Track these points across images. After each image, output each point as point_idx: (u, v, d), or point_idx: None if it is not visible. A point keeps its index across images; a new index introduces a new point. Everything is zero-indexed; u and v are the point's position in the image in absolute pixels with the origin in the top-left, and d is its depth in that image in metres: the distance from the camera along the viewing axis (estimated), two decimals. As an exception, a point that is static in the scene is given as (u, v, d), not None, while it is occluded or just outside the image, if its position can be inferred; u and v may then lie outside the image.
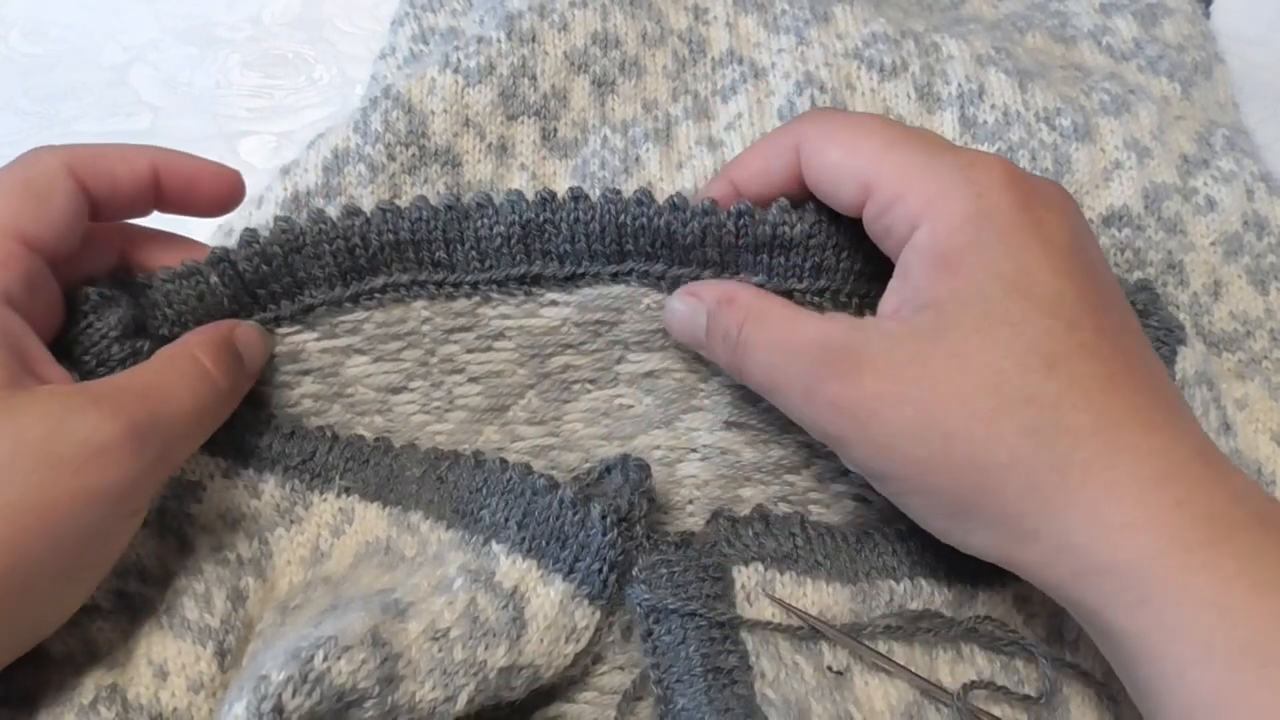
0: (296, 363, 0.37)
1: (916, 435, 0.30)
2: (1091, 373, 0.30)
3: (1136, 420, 0.29)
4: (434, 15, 0.54)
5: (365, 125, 0.43)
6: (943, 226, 0.30)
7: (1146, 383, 0.30)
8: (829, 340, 0.32)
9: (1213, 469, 0.29)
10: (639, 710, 0.33)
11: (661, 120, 0.48)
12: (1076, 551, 0.29)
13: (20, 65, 0.59)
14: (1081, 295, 0.30)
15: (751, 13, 0.50)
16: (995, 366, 0.29)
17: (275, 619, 0.33)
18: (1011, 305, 0.30)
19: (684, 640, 0.32)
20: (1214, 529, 0.28)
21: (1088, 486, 0.29)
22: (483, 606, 0.31)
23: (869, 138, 0.32)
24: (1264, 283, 0.45)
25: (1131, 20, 0.53)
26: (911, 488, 0.31)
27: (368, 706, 0.29)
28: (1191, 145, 0.47)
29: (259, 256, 0.35)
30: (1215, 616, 0.27)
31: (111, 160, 0.33)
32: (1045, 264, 0.30)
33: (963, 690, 0.32)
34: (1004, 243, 0.30)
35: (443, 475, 0.35)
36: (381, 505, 0.36)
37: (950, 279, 0.30)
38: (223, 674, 0.32)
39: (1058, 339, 0.30)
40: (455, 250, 0.36)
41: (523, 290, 0.37)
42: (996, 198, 0.31)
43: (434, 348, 0.38)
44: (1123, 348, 0.30)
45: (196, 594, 0.32)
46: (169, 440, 0.30)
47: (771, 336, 0.33)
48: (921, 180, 0.31)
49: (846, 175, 0.32)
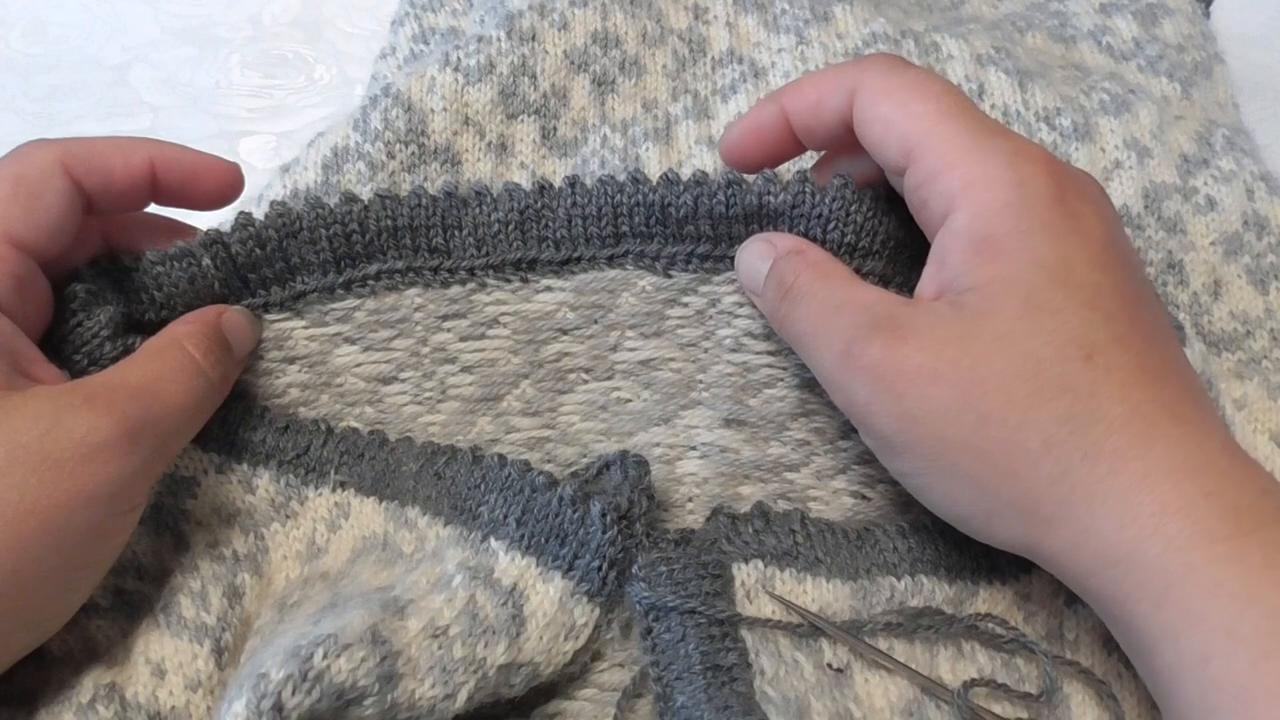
0: (282, 350, 0.37)
1: (952, 414, 0.30)
2: (1126, 365, 0.30)
3: (1168, 413, 0.30)
4: (434, 15, 0.54)
5: (365, 123, 0.43)
6: (983, 212, 0.31)
7: (1177, 377, 0.31)
8: (880, 306, 0.32)
9: (1239, 463, 0.30)
10: (639, 707, 0.33)
11: (661, 119, 0.48)
12: (1104, 539, 0.29)
13: (20, 65, 0.59)
14: (1117, 289, 0.31)
15: (751, 12, 0.50)
16: (1036, 354, 0.30)
17: (273, 616, 0.33)
18: (1054, 293, 0.30)
19: (683, 638, 0.32)
20: (1241, 521, 0.28)
21: (1119, 475, 0.29)
22: (482, 604, 0.31)
23: (924, 101, 0.32)
24: (1264, 282, 0.45)
25: (1131, 20, 0.53)
26: (936, 467, 0.31)
27: (367, 704, 0.29)
28: (1191, 145, 0.47)
29: (253, 240, 0.35)
30: (1241, 607, 0.27)
31: (107, 154, 0.33)
32: (1083, 256, 0.31)
33: (963, 688, 0.32)
34: (1045, 232, 0.30)
35: (440, 471, 0.35)
36: (378, 500, 0.35)
37: (991, 264, 0.31)
38: (220, 672, 0.31)
39: (1096, 330, 0.30)
40: (453, 236, 0.36)
41: (518, 276, 0.37)
42: (1037, 188, 0.31)
43: (426, 336, 0.37)
44: (1155, 342, 0.31)
45: (193, 591, 0.32)
46: (163, 435, 0.30)
47: (828, 290, 0.33)
48: (966, 160, 0.31)
49: (893, 134, 0.32)
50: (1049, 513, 0.30)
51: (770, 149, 0.36)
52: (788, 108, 0.35)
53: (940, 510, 0.32)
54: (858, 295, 0.32)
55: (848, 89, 0.33)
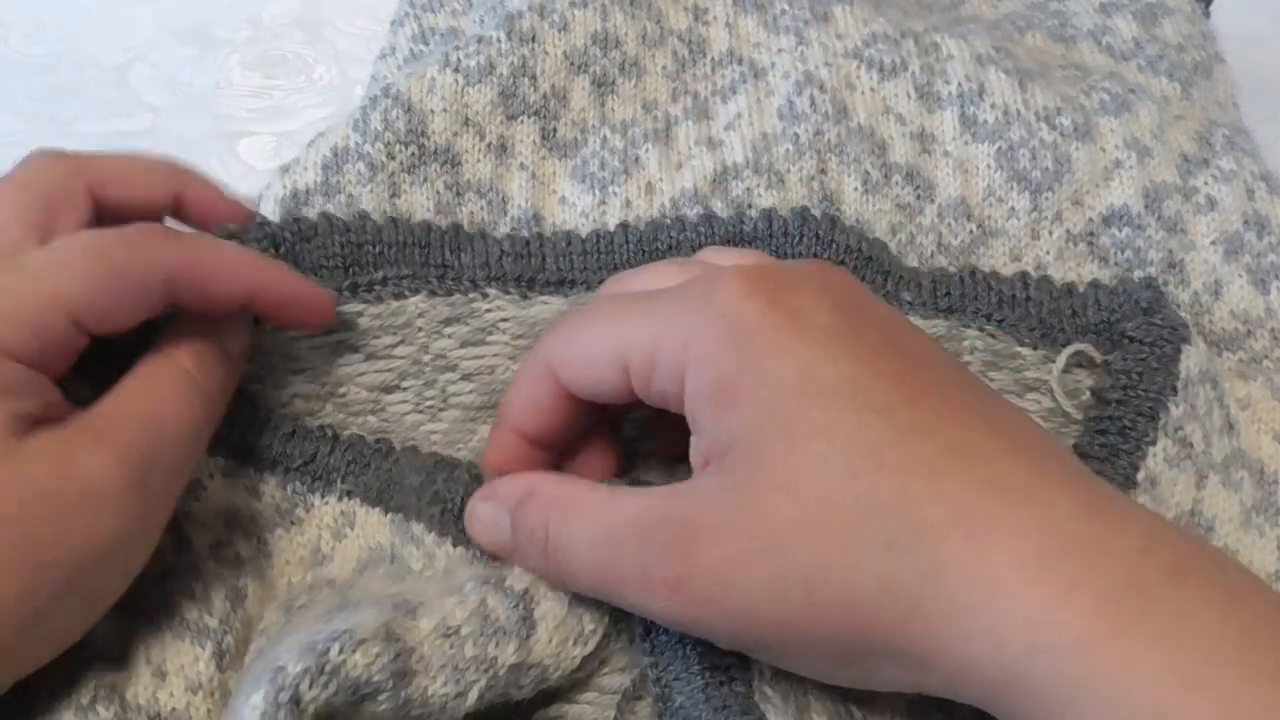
0: (286, 359, 0.37)
1: (775, 592, 0.26)
2: (924, 454, 0.26)
3: (994, 493, 0.26)
4: (434, 15, 0.54)
5: (365, 124, 0.43)
6: (706, 362, 0.28)
7: (991, 440, 0.27)
8: (650, 515, 0.28)
9: (1100, 522, 0.26)
10: (639, 709, 0.33)
11: (661, 120, 0.48)
12: (984, 666, 0.25)
13: (20, 65, 0.59)
14: (875, 372, 0.27)
15: (751, 13, 0.50)
16: (824, 487, 0.26)
17: (279, 618, 0.33)
18: (808, 412, 0.26)
19: (681, 638, 0.32)
20: (1123, 608, 0.24)
21: (969, 588, 0.25)
22: (493, 606, 0.31)
23: (604, 319, 0.30)
24: (1265, 282, 0.45)
25: (1131, 20, 0.53)
26: (791, 649, 0.28)
27: (381, 699, 0.29)
28: (1192, 145, 0.47)
29: (269, 239, 0.36)
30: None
31: (211, 266, 0.32)
32: (822, 355, 0.27)
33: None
34: (769, 351, 0.27)
35: (439, 492, 0.35)
36: (383, 511, 0.35)
37: (734, 411, 0.27)
38: (220, 674, 0.32)
39: (873, 430, 0.26)
40: (461, 255, 0.38)
41: (519, 291, 0.38)
42: (741, 309, 0.28)
43: (427, 343, 0.38)
44: (947, 410, 0.27)
45: (195, 594, 0.32)
46: (171, 466, 0.30)
47: (586, 527, 0.29)
48: (666, 330, 0.28)
49: (599, 364, 0.30)
50: (919, 653, 0.26)
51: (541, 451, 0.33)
52: (516, 428, 0.33)
53: (820, 679, 0.29)
54: (619, 514, 0.28)
55: (543, 369, 0.32)
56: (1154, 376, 0.35)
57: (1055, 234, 0.45)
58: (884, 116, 0.47)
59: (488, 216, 0.44)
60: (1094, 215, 0.45)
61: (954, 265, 0.44)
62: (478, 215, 0.44)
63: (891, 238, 0.44)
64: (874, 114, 0.46)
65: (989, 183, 0.46)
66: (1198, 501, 0.35)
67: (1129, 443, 0.35)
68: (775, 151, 0.45)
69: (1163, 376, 0.35)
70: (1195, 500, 0.35)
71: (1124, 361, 0.36)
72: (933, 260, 0.44)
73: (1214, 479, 0.35)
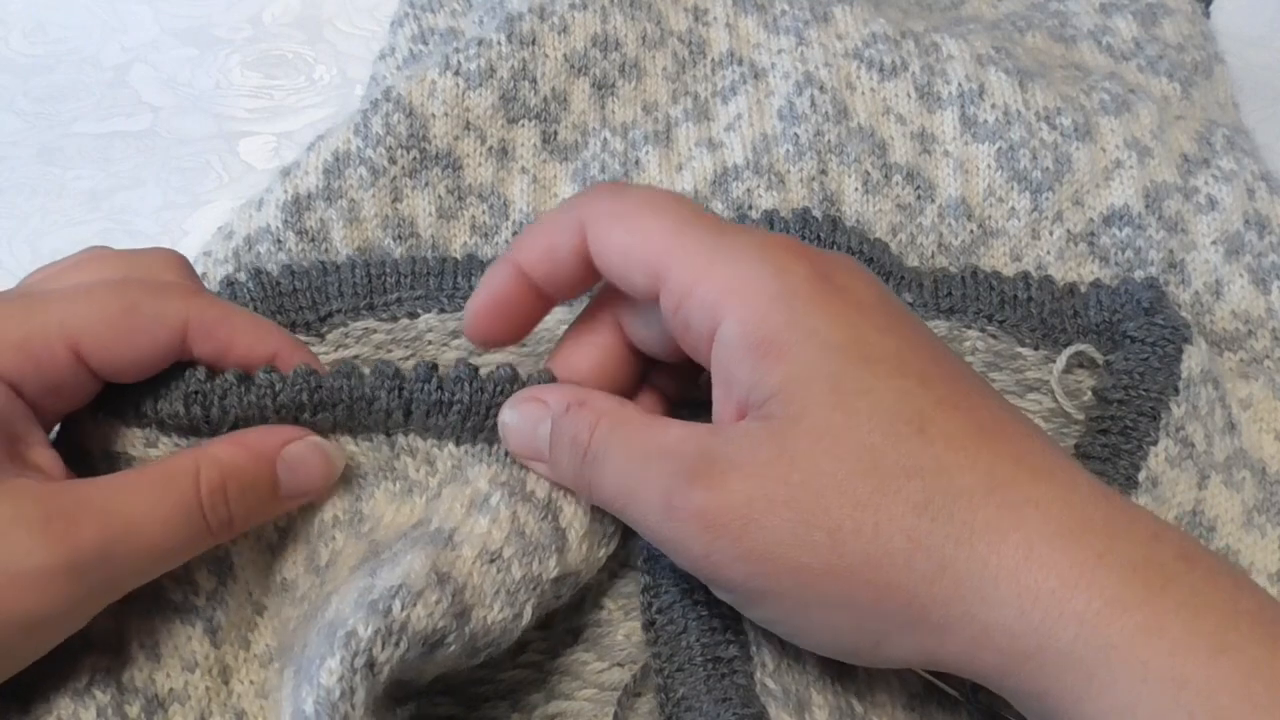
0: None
1: (799, 539, 0.26)
2: (963, 428, 0.27)
3: (1025, 470, 0.27)
4: (434, 16, 0.54)
5: (366, 128, 0.43)
6: (751, 313, 0.28)
7: (1015, 427, 0.28)
8: (689, 445, 0.28)
9: (1116, 508, 0.27)
10: (639, 706, 0.33)
11: (661, 122, 0.48)
12: (1007, 633, 0.26)
13: (20, 65, 0.59)
14: (917, 352, 0.28)
15: (751, 13, 0.50)
16: (865, 444, 0.26)
17: (312, 580, 0.32)
18: (858, 372, 0.27)
19: (685, 630, 0.32)
20: (1145, 580, 0.25)
21: (1000, 553, 0.26)
22: (525, 520, 0.31)
23: (656, 216, 0.29)
24: (1265, 282, 0.45)
25: (1131, 20, 0.53)
26: (802, 604, 0.27)
27: (450, 641, 0.29)
28: (1192, 145, 0.47)
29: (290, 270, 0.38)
30: (1173, 692, 0.24)
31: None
32: (871, 325, 0.28)
33: (972, 688, 0.32)
34: (822, 313, 0.28)
35: (435, 396, 0.33)
36: (352, 437, 0.33)
37: (780, 364, 0.27)
38: (216, 650, 0.31)
39: (917, 398, 0.27)
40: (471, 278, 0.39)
41: None
42: (797, 272, 0.28)
43: (437, 355, 0.38)
44: (977, 398, 0.28)
45: (176, 575, 0.32)
46: (115, 574, 0.28)
47: (630, 442, 0.29)
48: (716, 265, 0.28)
49: (634, 259, 0.29)
50: (938, 618, 0.26)
51: (516, 317, 0.32)
52: (522, 264, 0.31)
53: (823, 649, 0.29)
54: (663, 439, 0.29)
55: (576, 226, 0.30)
56: (1155, 376, 0.35)
57: (1056, 234, 0.45)
58: (884, 117, 0.47)
59: (490, 220, 0.44)
60: (1094, 215, 0.45)
61: (955, 265, 0.44)
62: (480, 219, 0.44)
63: (892, 238, 0.44)
64: (874, 114, 0.47)
65: (989, 183, 0.46)
66: (1199, 501, 0.35)
67: (1130, 443, 0.35)
68: (775, 152, 0.45)
69: (1164, 376, 0.35)
70: (1197, 500, 0.35)
71: (1125, 361, 0.36)
72: (933, 260, 0.44)
73: (1216, 479, 0.35)
